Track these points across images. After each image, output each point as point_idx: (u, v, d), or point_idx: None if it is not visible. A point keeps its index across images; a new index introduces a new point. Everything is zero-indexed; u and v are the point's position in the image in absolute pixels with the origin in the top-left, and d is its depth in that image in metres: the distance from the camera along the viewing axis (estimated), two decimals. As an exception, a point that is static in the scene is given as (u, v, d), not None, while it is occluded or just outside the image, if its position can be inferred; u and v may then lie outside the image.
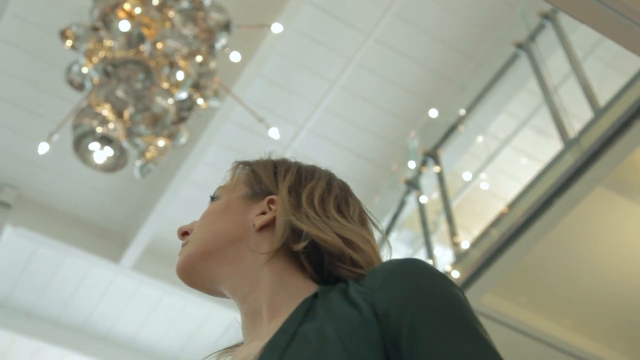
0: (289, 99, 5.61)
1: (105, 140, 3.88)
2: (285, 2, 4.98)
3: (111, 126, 3.84)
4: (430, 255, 4.85)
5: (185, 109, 4.15)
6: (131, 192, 5.92)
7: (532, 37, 4.80)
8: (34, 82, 5.39)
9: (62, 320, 6.45)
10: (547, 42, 4.71)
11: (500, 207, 4.65)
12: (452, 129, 5.48)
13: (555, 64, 4.64)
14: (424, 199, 5.31)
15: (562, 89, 4.55)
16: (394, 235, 5.51)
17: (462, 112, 5.48)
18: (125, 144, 3.98)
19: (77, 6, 4.61)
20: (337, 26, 5.33)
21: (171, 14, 3.99)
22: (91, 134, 3.86)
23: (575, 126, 4.07)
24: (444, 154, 5.43)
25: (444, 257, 4.94)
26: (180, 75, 3.93)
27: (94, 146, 3.90)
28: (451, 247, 4.68)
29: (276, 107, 5.57)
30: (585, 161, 3.58)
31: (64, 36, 4.06)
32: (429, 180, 5.42)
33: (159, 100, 3.82)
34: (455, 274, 4.21)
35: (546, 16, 4.70)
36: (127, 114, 3.83)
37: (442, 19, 5.42)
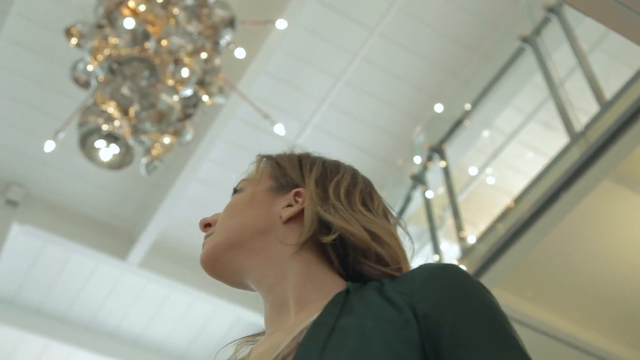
0: (294, 95, 5.61)
1: (111, 137, 3.88)
2: (289, -2, 4.98)
3: (117, 124, 3.84)
4: (436, 250, 4.85)
5: (190, 105, 4.15)
6: (137, 189, 5.94)
7: (538, 31, 4.78)
8: (40, 80, 5.40)
9: (69, 317, 6.47)
10: (552, 35, 4.70)
11: (506, 201, 4.64)
12: (458, 124, 5.47)
13: (560, 58, 4.63)
14: (430, 194, 5.30)
15: (567, 83, 4.53)
16: (399, 230, 5.49)
17: (467, 106, 5.47)
18: (131, 141, 3.98)
19: (82, 4, 4.61)
20: (342, 21, 5.32)
21: (176, 11, 3.99)
22: (97, 132, 3.86)
23: (581, 120, 4.06)
24: (450, 149, 5.42)
25: (451, 252, 4.94)
26: (185, 72, 3.93)
27: (100, 144, 3.90)
28: (457, 242, 4.68)
29: (281, 103, 5.57)
30: (591, 155, 3.57)
31: (69, 34, 4.07)
32: (434, 175, 5.41)
33: (164, 97, 3.82)
34: (461, 269, 4.20)
35: (551, 9, 4.69)
36: (132, 112, 3.83)
37: (447, 13, 5.41)
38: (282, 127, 4.73)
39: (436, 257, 4.74)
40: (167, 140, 4.14)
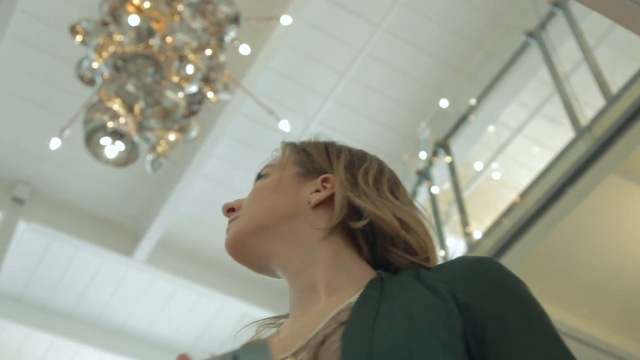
0: (299, 91, 5.60)
1: (116, 134, 3.89)
2: (293, -7, 4.97)
3: (122, 121, 3.85)
4: (442, 245, 4.84)
5: (195, 102, 4.16)
6: (143, 186, 5.95)
7: (543, 25, 4.77)
8: (45, 78, 5.41)
9: (75, 314, 6.49)
10: (557, 30, 4.68)
11: (512, 196, 4.63)
12: (463, 119, 5.46)
13: (566, 52, 4.61)
14: (435, 190, 5.30)
15: (573, 77, 4.52)
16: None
17: (472, 101, 5.46)
18: (136, 138, 3.99)
19: (87, 1, 4.62)
20: (346, 17, 5.32)
21: (180, 8, 3.99)
22: (102, 129, 3.87)
23: (587, 114, 4.05)
24: (455, 144, 5.42)
25: (456, 248, 4.93)
26: (190, 68, 3.93)
27: (105, 141, 3.91)
28: (463, 237, 4.67)
29: (286, 99, 5.57)
30: (597, 149, 3.56)
31: (73, 31, 4.07)
32: (440, 170, 5.41)
33: (169, 94, 3.83)
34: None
35: (556, 4, 4.67)
36: (137, 109, 3.83)
37: (451, 8, 5.39)
38: (287, 123, 4.73)
39: (442, 252, 4.73)
40: (172, 137, 4.15)
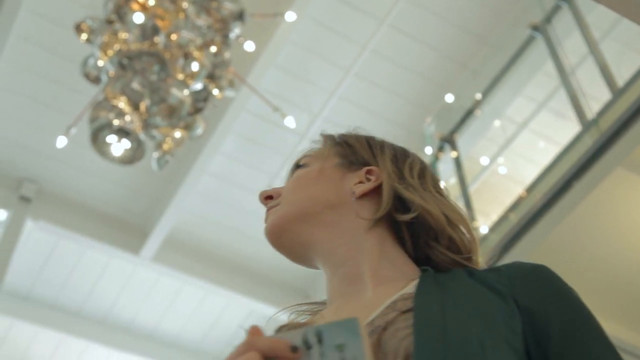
0: (304, 87, 5.60)
1: (122, 132, 3.90)
2: (298, -10, 4.97)
3: (128, 118, 3.85)
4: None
5: (200, 99, 4.16)
6: (149, 184, 5.96)
7: (548, 19, 4.75)
8: (50, 76, 5.42)
9: (83, 312, 6.52)
10: (563, 23, 4.67)
11: (518, 191, 4.62)
12: (469, 114, 5.44)
13: (572, 46, 4.60)
14: (441, 185, 5.28)
15: (579, 71, 4.50)
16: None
17: (478, 96, 5.45)
18: (142, 136, 3.99)
19: (91, 0, 4.62)
20: (350, 13, 5.31)
21: (185, 5, 3.99)
22: (108, 127, 3.87)
23: (593, 108, 4.04)
24: (461, 139, 5.41)
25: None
26: (195, 66, 3.93)
27: (112, 139, 3.92)
28: (470, 232, 4.65)
29: (291, 95, 5.57)
30: (603, 143, 3.55)
31: (79, 30, 4.08)
32: (446, 165, 5.40)
33: (175, 91, 3.83)
34: (474, 259, 4.19)
35: (562, -3, 4.65)
36: (143, 106, 3.84)
37: (455, 2, 5.38)
38: (292, 119, 4.73)
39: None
40: (178, 134, 4.15)
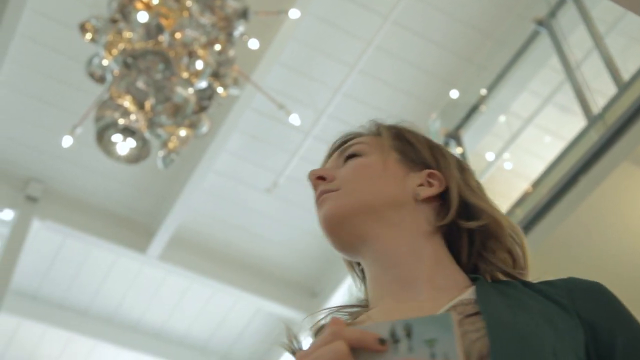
0: (309, 84, 5.60)
1: (127, 131, 3.90)
2: (301, -13, 4.96)
3: (133, 117, 3.86)
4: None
5: (205, 98, 4.16)
6: (155, 182, 5.96)
7: (553, 13, 4.74)
8: (55, 76, 5.43)
9: (91, 311, 6.54)
10: (568, 17, 4.65)
11: (524, 186, 4.61)
12: (474, 109, 5.43)
13: (577, 40, 4.58)
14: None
15: (584, 65, 4.49)
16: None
17: (483, 91, 5.43)
18: (147, 134, 4.00)
19: (95, -1, 4.63)
20: (354, 10, 5.30)
21: (188, 4, 3.99)
22: (113, 126, 3.88)
23: (598, 102, 4.03)
24: (466, 135, 5.40)
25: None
26: (199, 64, 3.93)
27: (117, 138, 3.92)
28: (476, 228, 4.65)
29: (296, 93, 5.56)
30: (609, 137, 3.54)
31: (83, 29, 4.08)
32: (451, 161, 5.38)
33: (180, 90, 3.83)
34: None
35: (566, -9, 4.64)
36: (148, 105, 3.84)
37: (460, -2, 5.36)
38: (297, 117, 4.73)
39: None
40: (183, 132, 4.15)
